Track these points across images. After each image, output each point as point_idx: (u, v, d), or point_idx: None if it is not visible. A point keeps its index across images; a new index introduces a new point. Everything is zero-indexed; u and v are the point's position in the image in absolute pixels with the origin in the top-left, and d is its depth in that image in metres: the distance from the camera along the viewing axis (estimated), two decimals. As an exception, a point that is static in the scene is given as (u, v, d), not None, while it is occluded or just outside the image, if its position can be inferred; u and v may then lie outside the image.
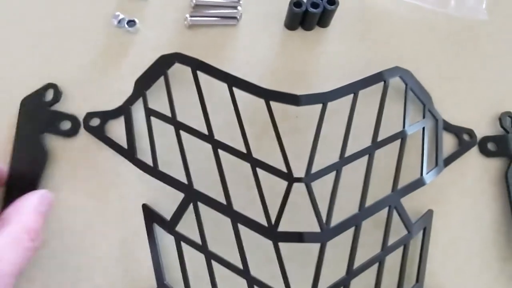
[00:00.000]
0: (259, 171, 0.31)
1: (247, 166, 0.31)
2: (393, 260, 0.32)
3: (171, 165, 0.33)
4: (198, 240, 0.31)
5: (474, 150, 0.38)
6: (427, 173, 0.34)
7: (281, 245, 0.30)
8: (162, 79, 0.35)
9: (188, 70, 0.34)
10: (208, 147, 0.32)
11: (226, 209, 0.30)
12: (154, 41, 0.39)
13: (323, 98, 0.32)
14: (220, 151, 0.32)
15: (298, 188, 0.30)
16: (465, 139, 0.38)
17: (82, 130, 0.36)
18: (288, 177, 0.30)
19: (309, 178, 0.30)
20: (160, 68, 0.35)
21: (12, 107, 0.36)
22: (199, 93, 0.33)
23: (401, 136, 0.34)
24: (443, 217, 0.36)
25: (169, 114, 0.33)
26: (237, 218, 0.30)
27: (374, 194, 0.32)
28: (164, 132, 0.34)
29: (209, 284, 0.30)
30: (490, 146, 0.38)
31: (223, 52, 0.40)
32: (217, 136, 0.32)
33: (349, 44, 0.41)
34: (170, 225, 0.31)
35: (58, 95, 0.36)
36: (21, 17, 0.39)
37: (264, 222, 0.30)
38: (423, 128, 0.35)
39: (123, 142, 0.35)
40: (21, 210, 0.29)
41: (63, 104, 0.37)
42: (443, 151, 0.36)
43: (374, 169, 0.32)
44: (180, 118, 0.33)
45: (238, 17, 0.40)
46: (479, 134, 0.38)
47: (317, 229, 0.30)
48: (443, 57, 0.41)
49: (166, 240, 0.33)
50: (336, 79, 0.39)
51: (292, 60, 0.40)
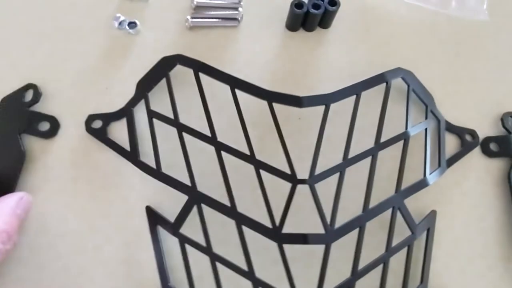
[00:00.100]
0: (263, 173, 0.31)
1: (250, 168, 0.31)
2: (397, 261, 0.32)
3: (174, 167, 0.33)
4: (202, 242, 0.30)
5: (477, 150, 0.38)
6: (430, 173, 0.34)
7: (285, 246, 0.30)
8: (163, 81, 0.35)
9: (189, 71, 0.34)
10: (211, 149, 0.32)
11: (230, 211, 0.30)
12: (155, 42, 0.39)
13: (325, 100, 0.32)
14: (223, 153, 0.32)
15: (302, 190, 0.30)
16: (467, 139, 0.38)
17: (81, 132, 0.36)
18: (292, 179, 0.30)
19: (313, 179, 0.30)
20: (162, 70, 0.35)
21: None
22: (201, 95, 0.33)
23: (404, 137, 0.34)
24: (446, 217, 0.36)
25: (171, 116, 0.33)
26: (241, 220, 0.30)
27: (377, 195, 0.32)
28: (166, 134, 0.34)
29: (213, 286, 0.30)
30: (492, 146, 0.38)
31: (224, 54, 0.40)
32: (219, 138, 0.32)
33: (350, 45, 0.41)
34: (174, 227, 0.31)
35: (37, 95, 0.36)
36: (22, 18, 0.39)
37: (268, 224, 0.30)
38: (426, 129, 0.35)
39: (125, 144, 0.35)
40: None
41: (64, 106, 0.36)
42: (445, 152, 0.36)
43: (377, 170, 0.32)
44: (182, 120, 0.33)
45: (239, 18, 0.40)
46: (481, 134, 0.38)
47: (321, 230, 0.30)
48: (444, 58, 0.41)
49: (169, 242, 0.33)
50: (338, 80, 0.39)
51: (293, 61, 0.40)
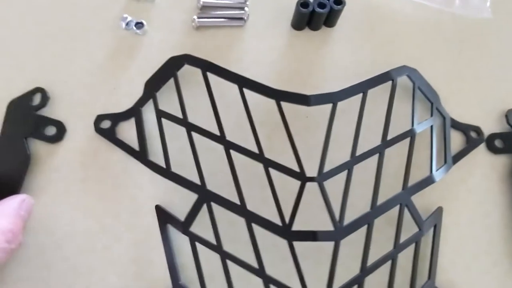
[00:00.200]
0: (271, 171, 0.31)
1: (259, 166, 0.31)
2: (405, 257, 0.32)
3: (183, 166, 0.33)
4: (212, 240, 0.31)
5: (482, 147, 0.38)
6: (436, 170, 0.34)
7: (295, 243, 0.30)
8: (170, 80, 0.35)
9: (197, 71, 0.34)
10: (219, 147, 0.32)
11: (240, 209, 0.31)
12: (162, 42, 0.40)
13: (333, 98, 0.32)
14: (232, 152, 0.32)
15: (310, 187, 0.30)
16: (472, 136, 0.38)
17: (90, 132, 0.36)
18: (301, 176, 0.30)
19: (322, 177, 0.30)
20: (169, 69, 0.35)
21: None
22: (209, 95, 0.33)
23: (410, 134, 0.34)
24: (452, 214, 0.36)
25: (179, 115, 0.33)
26: (251, 218, 0.30)
27: (384, 192, 0.32)
28: (174, 133, 0.34)
29: (224, 284, 0.30)
30: (497, 143, 0.38)
31: (230, 53, 0.40)
32: (227, 137, 0.32)
33: (356, 43, 0.41)
34: (184, 226, 0.31)
35: (45, 99, 0.36)
36: (28, 21, 0.39)
37: (277, 221, 0.30)
38: (431, 126, 0.36)
39: (134, 144, 0.35)
40: (0, 212, 0.29)
41: (72, 107, 0.37)
42: (451, 148, 0.37)
43: (383, 167, 0.32)
44: (189, 119, 0.33)
45: (245, 18, 0.40)
46: (486, 131, 0.38)
47: (329, 227, 0.30)
48: (448, 56, 0.41)
49: (179, 240, 0.33)
50: (343, 78, 0.39)
51: (299, 60, 0.40)
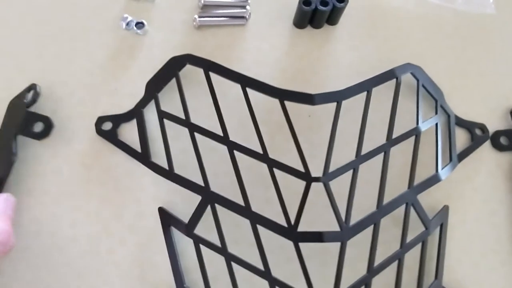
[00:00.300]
0: (275, 171, 0.31)
1: (263, 166, 0.31)
2: (411, 257, 0.32)
3: (186, 168, 0.33)
4: (216, 242, 0.30)
5: (487, 144, 0.38)
6: (442, 169, 0.34)
7: (300, 244, 0.29)
8: (172, 81, 0.35)
9: (198, 71, 0.34)
10: (223, 148, 0.32)
11: (244, 210, 0.30)
12: (163, 42, 0.39)
13: (337, 97, 0.32)
14: (235, 152, 0.31)
15: (315, 187, 0.30)
16: (477, 134, 0.38)
17: (91, 134, 0.35)
18: (306, 177, 0.30)
19: (327, 177, 0.30)
20: (171, 70, 0.35)
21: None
22: (212, 95, 0.33)
23: (415, 132, 0.34)
24: (458, 212, 0.36)
25: (181, 116, 0.33)
26: (256, 219, 0.30)
27: (390, 191, 0.32)
28: (177, 134, 0.34)
29: (229, 286, 0.30)
30: (503, 140, 0.38)
31: (232, 52, 0.39)
32: (230, 137, 0.32)
33: (358, 41, 0.41)
34: (188, 228, 0.31)
35: (36, 95, 0.35)
36: (29, 21, 0.39)
37: (283, 222, 0.30)
38: (436, 124, 0.35)
39: (136, 145, 0.35)
40: None
41: (73, 108, 0.36)
42: (456, 146, 0.36)
43: (389, 166, 0.32)
44: (192, 119, 0.33)
45: (246, 16, 0.40)
46: (491, 128, 0.38)
47: (335, 228, 0.30)
48: (451, 52, 0.41)
49: (183, 243, 0.33)
50: (346, 76, 0.39)
51: (301, 58, 0.40)
